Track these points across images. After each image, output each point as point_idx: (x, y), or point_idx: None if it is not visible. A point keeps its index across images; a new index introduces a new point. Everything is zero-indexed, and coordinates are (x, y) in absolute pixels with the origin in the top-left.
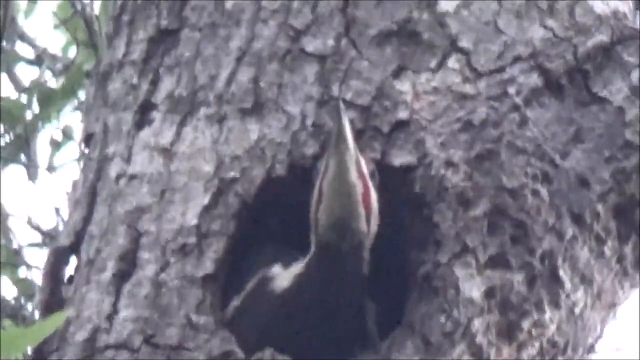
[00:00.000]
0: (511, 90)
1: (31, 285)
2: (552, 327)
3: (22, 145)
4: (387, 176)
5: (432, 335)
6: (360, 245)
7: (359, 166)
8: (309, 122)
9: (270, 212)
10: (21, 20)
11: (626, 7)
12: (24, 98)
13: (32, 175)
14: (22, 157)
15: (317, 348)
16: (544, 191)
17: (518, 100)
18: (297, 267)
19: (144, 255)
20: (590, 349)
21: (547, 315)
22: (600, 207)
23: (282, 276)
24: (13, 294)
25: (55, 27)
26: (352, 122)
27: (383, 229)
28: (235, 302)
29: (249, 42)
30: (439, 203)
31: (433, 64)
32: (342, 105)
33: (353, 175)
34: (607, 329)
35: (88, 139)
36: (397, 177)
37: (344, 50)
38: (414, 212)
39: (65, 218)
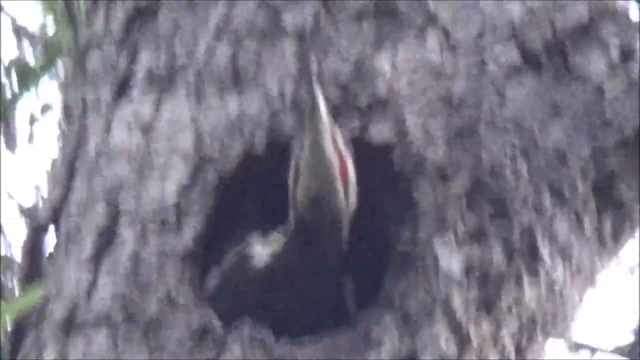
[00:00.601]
0: (490, 67)
1: (11, 262)
2: (532, 304)
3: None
4: (365, 153)
5: (411, 311)
6: (339, 222)
7: (335, 140)
8: (287, 99)
9: (249, 189)
10: None
11: None
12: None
13: (11, 145)
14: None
15: (295, 323)
16: (523, 167)
17: (497, 76)
18: (276, 244)
19: (123, 231)
20: (571, 320)
21: (527, 291)
22: (579, 183)
23: (261, 253)
24: None
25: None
26: (328, 98)
27: (362, 206)
28: (214, 279)
29: (228, 19)
30: (418, 179)
31: (411, 40)
32: (315, 79)
33: (329, 150)
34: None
35: (67, 114)
36: (376, 154)
37: (322, 27)
38: (393, 188)
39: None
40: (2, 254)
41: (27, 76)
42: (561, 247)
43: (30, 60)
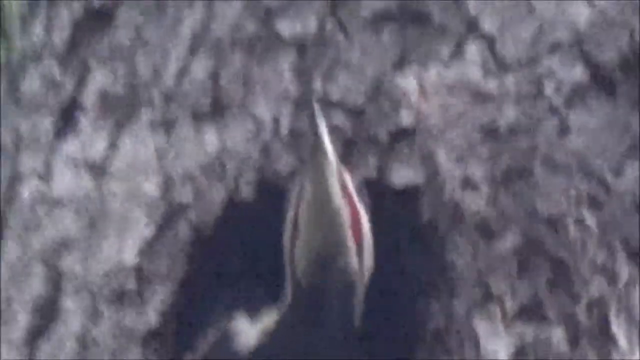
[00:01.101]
0: (548, 88)
1: None
2: None
3: None
4: (385, 200)
5: None
6: (350, 289)
7: (343, 184)
8: (284, 129)
9: (233, 247)
10: None
11: None
12: None
13: None
14: None
15: None
16: (591, 220)
17: (557, 100)
18: (268, 319)
19: (68, 304)
20: None
21: None
22: None
23: (249, 331)
24: None
25: None
26: (337, 128)
27: (380, 269)
28: None
29: (206, 26)
30: (454, 235)
31: (445, 53)
32: (318, 104)
33: (336, 196)
34: None
35: None
36: (398, 202)
37: (329, 35)
38: (421, 247)
39: None
40: None
41: None
42: None
43: None
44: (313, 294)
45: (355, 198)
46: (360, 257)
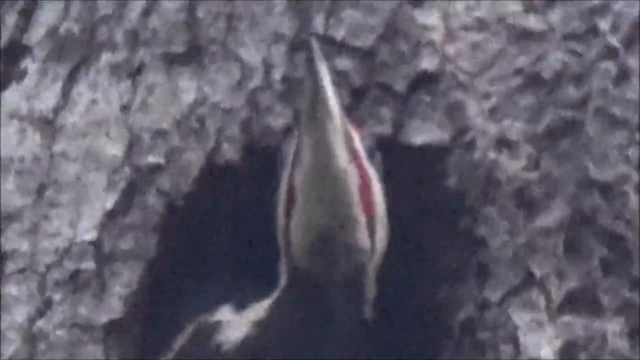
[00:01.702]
0: (603, 24)
1: None
2: None
3: None
4: (403, 162)
5: None
6: (360, 273)
7: (350, 144)
8: (276, 75)
9: (214, 220)
10: None
11: None
12: None
13: None
14: None
15: None
16: None
17: (614, 40)
18: (257, 310)
19: (11, 290)
20: None
21: None
22: None
23: (233, 324)
24: None
25: None
26: (343, 75)
27: (397, 248)
28: None
29: None
30: (487, 206)
31: None
32: (316, 46)
33: (341, 158)
34: None
35: None
36: (418, 164)
37: None
38: (447, 220)
39: None
40: None
41: None
42: None
43: None
44: (314, 278)
45: (365, 161)
46: (372, 233)
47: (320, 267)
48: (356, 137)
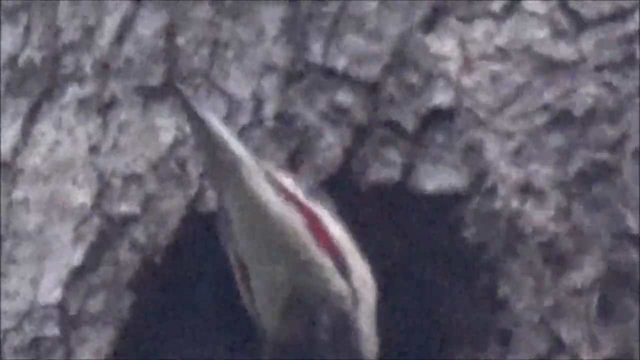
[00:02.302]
0: None
1: None
2: None
3: None
4: (413, 211)
5: None
6: (348, 324)
7: (278, 185)
8: (268, 111)
9: (194, 277)
10: None
11: None
12: None
13: None
14: None
15: None
16: None
17: None
18: None
19: None
20: None
21: None
22: None
23: None
24: None
25: None
26: (342, 111)
27: (407, 309)
28: None
29: None
30: (510, 262)
31: (497, 6)
32: (187, 94)
33: (271, 201)
34: None
35: None
36: (431, 213)
37: None
38: (464, 278)
39: None
40: None
41: None
42: None
43: None
44: (296, 347)
45: (305, 199)
46: (346, 272)
47: (300, 331)
48: (286, 179)
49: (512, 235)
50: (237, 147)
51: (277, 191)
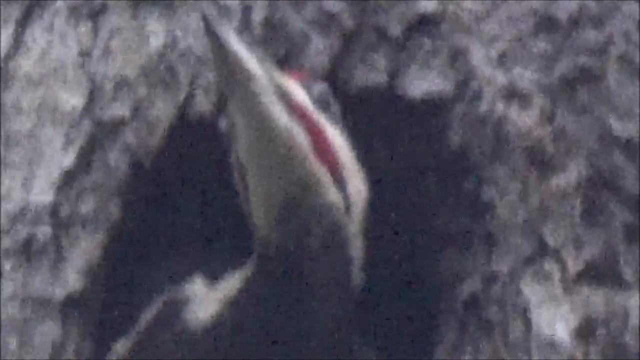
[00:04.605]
0: None
1: None
2: None
3: None
4: (399, 116)
5: None
6: (338, 233)
7: (287, 98)
8: (257, 17)
9: (184, 180)
10: None
11: None
12: None
13: None
14: None
15: None
16: None
17: None
18: (232, 282)
19: None
20: None
21: None
22: None
23: (204, 299)
24: None
25: None
26: (330, 17)
27: (392, 212)
28: (124, 344)
29: None
30: (495, 166)
31: None
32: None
33: (278, 118)
34: None
35: None
36: (417, 119)
37: None
38: (450, 182)
39: None
40: None
41: None
42: None
43: None
44: (287, 250)
45: (312, 111)
46: (342, 186)
47: (292, 237)
48: (296, 88)
49: (497, 139)
50: (252, 63)
51: (285, 106)
